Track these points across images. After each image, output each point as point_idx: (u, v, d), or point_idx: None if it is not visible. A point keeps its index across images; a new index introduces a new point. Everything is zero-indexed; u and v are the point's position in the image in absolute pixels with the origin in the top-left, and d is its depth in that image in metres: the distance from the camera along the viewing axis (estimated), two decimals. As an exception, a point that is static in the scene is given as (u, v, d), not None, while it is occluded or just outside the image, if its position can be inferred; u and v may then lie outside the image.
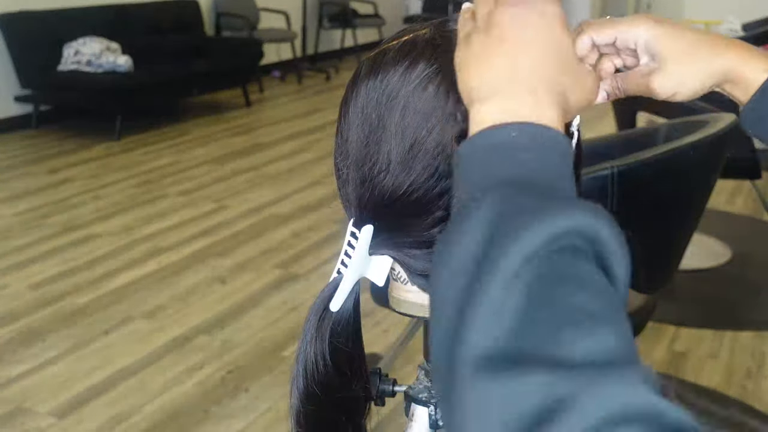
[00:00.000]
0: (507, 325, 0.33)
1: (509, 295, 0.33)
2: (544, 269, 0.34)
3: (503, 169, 0.39)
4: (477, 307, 0.33)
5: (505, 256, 0.34)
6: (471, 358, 0.33)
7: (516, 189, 0.38)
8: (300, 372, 0.60)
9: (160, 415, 2.08)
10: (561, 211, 0.35)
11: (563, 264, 0.34)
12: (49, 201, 3.78)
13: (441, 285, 0.37)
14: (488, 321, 0.33)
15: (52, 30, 4.97)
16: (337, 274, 0.59)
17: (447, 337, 0.35)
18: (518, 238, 0.34)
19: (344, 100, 0.59)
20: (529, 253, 0.34)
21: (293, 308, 2.68)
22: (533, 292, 0.33)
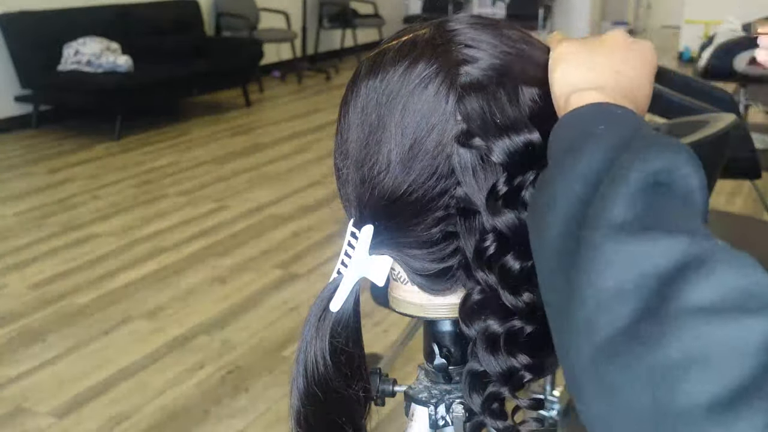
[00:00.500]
0: (641, 206, 0.36)
1: (641, 190, 0.37)
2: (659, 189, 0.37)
3: (615, 124, 0.43)
4: (616, 188, 0.37)
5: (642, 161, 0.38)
6: (609, 223, 0.36)
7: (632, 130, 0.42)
8: (300, 372, 0.60)
9: (160, 415, 2.08)
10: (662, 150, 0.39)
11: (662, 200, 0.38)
12: (49, 201, 3.78)
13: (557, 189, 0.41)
14: (626, 200, 0.36)
15: (52, 30, 4.97)
16: (337, 274, 0.59)
17: (579, 205, 0.39)
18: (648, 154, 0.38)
19: (344, 100, 0.59)
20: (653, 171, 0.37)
21: (293, 308, 2.68)
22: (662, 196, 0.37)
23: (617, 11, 10.45)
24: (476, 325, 0.54)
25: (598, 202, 0.38)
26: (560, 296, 0.38)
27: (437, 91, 0.53)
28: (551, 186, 0.42)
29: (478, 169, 0.53)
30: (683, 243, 0.34)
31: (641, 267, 0.34)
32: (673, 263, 0.33)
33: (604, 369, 0.33)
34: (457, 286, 0.59)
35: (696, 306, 0.31)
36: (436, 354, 0.65)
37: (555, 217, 0.40)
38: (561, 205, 0.40)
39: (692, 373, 0.30)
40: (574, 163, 0.41)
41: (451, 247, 0.57)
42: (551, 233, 0.40)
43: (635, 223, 0.36)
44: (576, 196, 0.40)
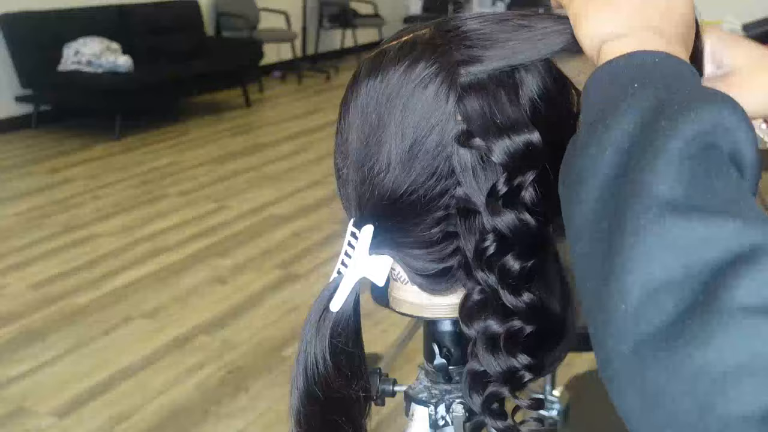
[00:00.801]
0: (686, 180, 0.33)
1: (685, 158, 0.33)
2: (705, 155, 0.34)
3: (649, 79, 0.39)
4: (655, 159, 0.34)
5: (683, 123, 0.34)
6: (651, 201, 0.33)
7: (667, 88, 0.38)
8: (300, 372, 0.60)
9: (160, 415, 2.08)
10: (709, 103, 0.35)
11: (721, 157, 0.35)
12: (50, 201, 3.78)
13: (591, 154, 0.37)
14: (668, 174, 0.33)
15: (53, 30, 4.97)
16: (337, 274, 0.59)
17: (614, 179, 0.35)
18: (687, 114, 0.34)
19: (344, 100, 0.59)
20: (693, 134, 0.34)
21: (293, 308, 2.68)
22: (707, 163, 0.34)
23: (617, 11, 10.43)
24: (476, 325, 0.54)
25: (637, 175, 0.34)
26: (598, 282, 0.34)
27: (437, 91, 0.53)
28: (582, 156, 0.39)
29: (479, 169, 0.53)
30: (736, 229, 0.31)
31: (690, 256, 0.31)
32: (724, 253, 0.30)
33: (646, 365, 0.31)
34: (457, 286, 0.59)
35: (749, 305, 0.29)
36: (436, 354, 0.65)
37: (587, 192, 0.37)
38: (594, 178, 0.37)
39: (744, 380, 0.28)
40: (607, 130, 0.37)
41: (451, 247, 0.57)
42: (584, 209, 0.37)
43: (681, 201, 0.32)
44: (610, 168, 0.36)
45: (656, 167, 0.33)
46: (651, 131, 0.35)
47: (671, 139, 0.34)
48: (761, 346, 0.28)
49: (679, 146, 0.34)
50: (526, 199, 0.51)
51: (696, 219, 0.32)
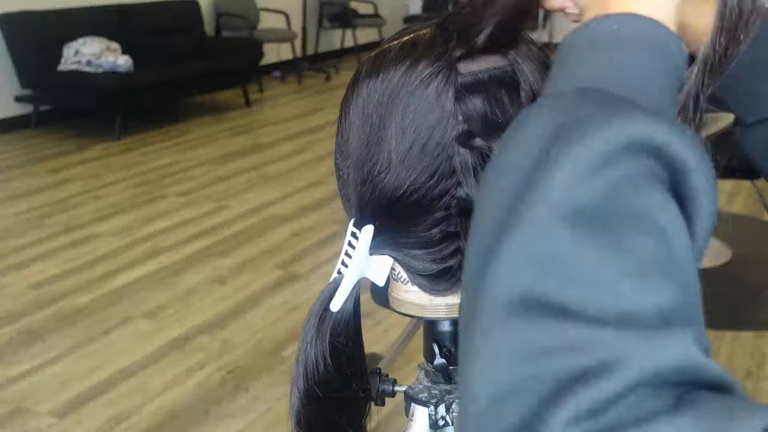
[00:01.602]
0: (554, 263, 0.28)
1: (561, 223, 0.28)
2: (606, 198, 0.28)
3: (590, 71, 0.35)
4: (512, 241, 0.29)
5: (551, 182, 0.29)
6: (504, 297, 0.29)
7: (585, 97, 0.33)
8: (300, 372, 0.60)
9: (160, 415, 2.08)
10: (627, 119, 0.29)
11: (629, 191, 0.29)
12: (49, 201, 3.78)
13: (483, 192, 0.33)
14: (524, 261, 0.29)
15: (53, 30, 4.97)
16: (338, 274, 0.59)
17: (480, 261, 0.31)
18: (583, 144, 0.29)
19: (345, 100, 0.59)
20: (585, 173, 0.28)
21: (293, 308, 2.68)
22: (593, 226, 0.28)
23: (617, 11, 10.43)
24: (476, 325, 0.54)
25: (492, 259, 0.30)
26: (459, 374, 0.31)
27: (438, 91, 0.53)
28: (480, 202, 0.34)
29: (479, 169, 0.53)
30: (587, 341, 0.27)
31: (530, 367, 0.28)
32: (570, 366, 0.27)
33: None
34: (457, 287, 0.59)
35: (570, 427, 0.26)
36: (437, 354, 0.65)
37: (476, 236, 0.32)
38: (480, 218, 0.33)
39: None
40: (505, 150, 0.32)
41: (451, 247, 0.57)
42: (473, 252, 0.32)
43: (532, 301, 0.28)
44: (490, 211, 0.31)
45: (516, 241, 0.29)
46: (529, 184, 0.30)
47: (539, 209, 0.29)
48: None
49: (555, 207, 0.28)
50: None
51: (545, 323, 0.28)
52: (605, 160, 0.28)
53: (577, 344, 0.27)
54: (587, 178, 0.28)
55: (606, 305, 0.28)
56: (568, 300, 0.28)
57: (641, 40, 0.35)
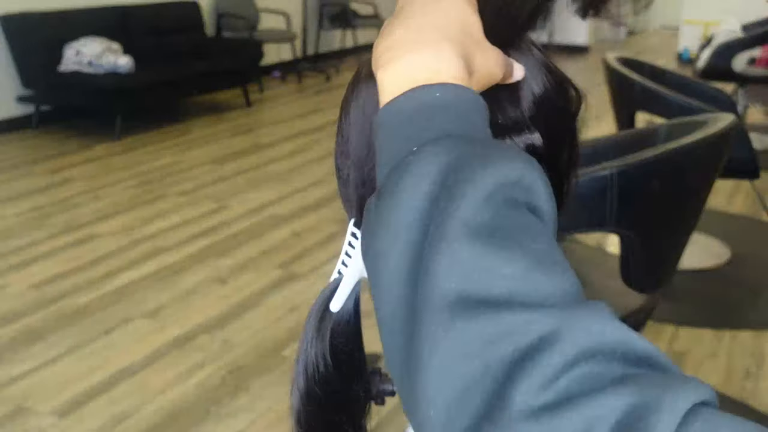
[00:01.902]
0: (477, 268, 0.32)
1: (473, 239, 0.33)
2: (500, 218, 0.34)
3: (437, 126, 0.38)
4: (438, 254, 0.33)
5: (462, 200, 0.34)
6: (443, 303, 0.32)
7: (456, 140, 0.37)
8: (300, 372, 0.60)
9: (160, 415, 2.08)
10: (507, 159, 0.35)
11: (514, 213, 0.34)
12: (50, 201, 3.78)
13: (384, 240, 0.35)
14: (455, 265, 0.32)
15: (54, 30, 4.97)
16: (338, 274, 0.59)
17: (403, 285, 0.34)
18: (474, 181, 0.34)
19: (345, 100, 0.59)
20: (482, 199, 0.34)
21: (293, 308, 2.69)
22: (496, 237, 0.33)
23: (617, 11, 10.42)
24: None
25: (423, 274, 0.33)
26: (405, 379, 0.34)
27: (437, 92, 0.53)
28: (372, 241, 0.37)
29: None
30: (525, 321, 0.30)
31: (484, 356, 0.30)
32: (514, 349, 0.30)
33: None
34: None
35: (529, 407, 0.29)
36: (436, 354, 0.65)
37: (387, 280, 0.35)
38: (388, 269, 0.35)
39: None
40: (396, 207, 0.35)
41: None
42: (386, 297, 0.35)
43: (470, 296, 0.32)
44: (403, 258, 0.34)
45: (440, 263, 0.32)
46: (434, 216, 0.34)
47: (451, 224, 0.33)
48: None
49: (461, 230, 0.33)
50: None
51: (485, 316, 0.31)
52: (493, 190, 0.34)
53: (516, 328, 0.30)
54: (484, 203, 0.34)
55: (528, 292, 0.32)
56: (497, 294, 0.31)
57: (462, 101, 0.39)
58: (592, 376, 0.29)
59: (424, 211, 0.34)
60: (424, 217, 0.34)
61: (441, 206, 0.34)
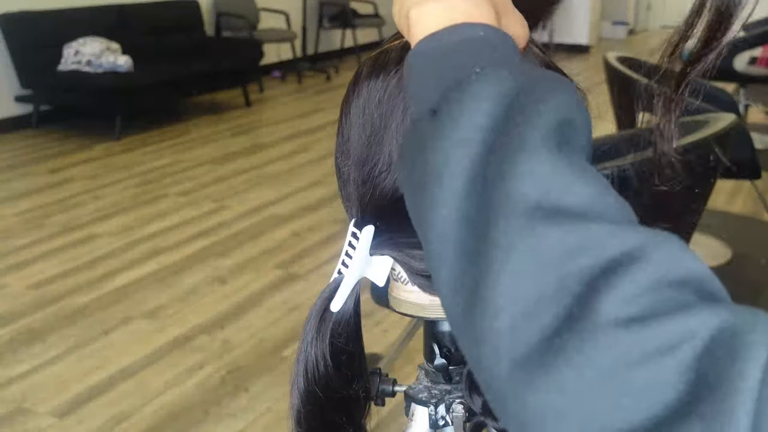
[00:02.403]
0: (557, 181, 0.31)
1: (552, 153, 0.32)
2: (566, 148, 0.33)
3: (487, 58, 0.37)
4: (517, 162, 0.32)
5: (538, 117, 0.33)
6: (520, 208, 0.31)
7: (513, 67, 0.36)
8: (300, 372, 0.60)
9: (160, 415, 2.08)
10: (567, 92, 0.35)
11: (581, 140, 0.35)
12: (50, 201, 3.78)
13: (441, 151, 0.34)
14: (535, 175, 0.31)
15: (53, 30, 4.97)
16: (338, 274, 0.59)
17: (467, 194, 0.33)
18: (547, 102, 0.34)
19: (345, 99, 0.59)
20: (555, 123, 0.33)
21: (293, 308, 2.68)
22: (572, 158, 0.32)
23: (617, 11, 10.45)
24: (477, 325, 0.54)
25: (499, 179, 0.32)
26: (467, 299, 0.32)
27: (438, 92, 0.53)
28: (427, 155, 0.35)
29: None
30: (607, 234, 0.30)
31: (562, 267, 0.29)
32: (596, 261, 0.29)
33: (523, 386, 0.29)
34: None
35: (618, 317, 0.28)
36: (437, 354, 0.65)
37: (446, 196, 0.33)
38: (447, 183, 0.33)
39: (619, 396, 0.27)
40: (455, 124, 0.34)
41: (451, 247, 0.57)
42: (439, 218, 0.34)
43: (549, 205, 0.31)
44: (469, 168, 0.33)
45: (520, 169, 0.31)
46: (509, 126, 0.33)
47: (531, 135, 0.32)
48: (634, 360, 0.27)
49: (542, 139, 0.32)
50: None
51: (567, 225, 0.30)
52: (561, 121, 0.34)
53: (597, 240, 0.30)
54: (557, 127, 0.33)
55: (607, 211, 0.31)
56: (576, 206, 0.31)
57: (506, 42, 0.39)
58: (678, 298, 0.28)
59: (497, 120, 0.33)
60: (498, 125, 0.33)
61: (517, 119, 0.33)
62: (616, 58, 2.64)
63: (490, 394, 0.32)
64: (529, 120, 0.33)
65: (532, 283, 0.30)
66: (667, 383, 0.27)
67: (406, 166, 0.37)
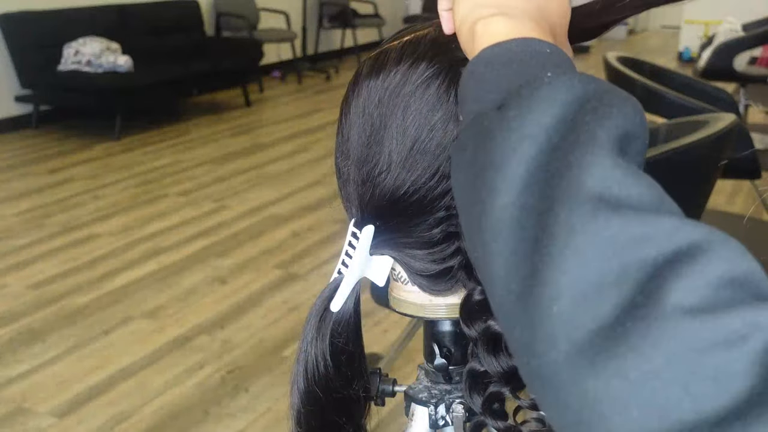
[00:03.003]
0: (622, 175, 0.32)
1: (619, 154, 0.33)
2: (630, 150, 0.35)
3: (559, 69, 0.39)
4: (585, 154, 0.33)
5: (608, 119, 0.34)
6: (585, 196, 0.31)
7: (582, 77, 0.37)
8: (300, 372, 0.60)
9: (160, 415, 2.08)
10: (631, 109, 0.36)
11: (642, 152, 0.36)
12: (50, 201, 3.78)
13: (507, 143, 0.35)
14: (602, 168, 0.32)
15: (53, 30, 4.97)
16: (338, 274, 0.59)
17: (536, 172, 0.34)
18: (618, 106, 0.35)
19: (345, 99, 0.59)
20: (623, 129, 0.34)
21: (293, 308, 2.68)
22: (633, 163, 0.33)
23: (617, 11, 10.43)
24: (477, 326, 0.55)
25: (566, 170, 0.33)
26: (523, 283, 0.32)
27: (438, 92, 0.53)
28: (490, 143, 0.36)
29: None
30: (673, 227, 0.30)
31: (626, 255, 0.30)
32: (662, 251, 0.29)
33: (583, 372, 0.29)
34: (457, 287, 0.59)
35: (688, 306, 0.28)
36: (437, 354, 0.65)
37: (507, 185, 0.34)
38: (513, 169, 0.34)
39: (692, 383, 0.27)
40: (523, 120, 0.35)
41: (452, 247, 0.57)
42: (499, 203, 0.34)
43: (614, 197, 0.31)
44: (532, 160, 0.34)
45: (587, 162, 0.32)
46: (578, 125, 0.34)
47: (600, 134, 0.33)
48: (704, 348, 0.27)
49: (609, 141, 0.33)
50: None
51: (631, 216, 0.31)
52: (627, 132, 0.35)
53: (661, 231, 0.30)
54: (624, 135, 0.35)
55: (671, 208, 0.32)
56: (639, 200, 0.31)
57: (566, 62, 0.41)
58: (741, 294, 0.29)
59: (565, 122, 0.34)
60: (565, 126, 0.34)
61: (587, 118, 0.34)
62: (616, 58, 2.64)
63: (539, 381, 0.31)
64: (599, 121, 0.34)
65: (594, 269, 0.30)
66: (738, 372, 0.27)
67: (463, 156, 0.38)
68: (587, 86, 0.36)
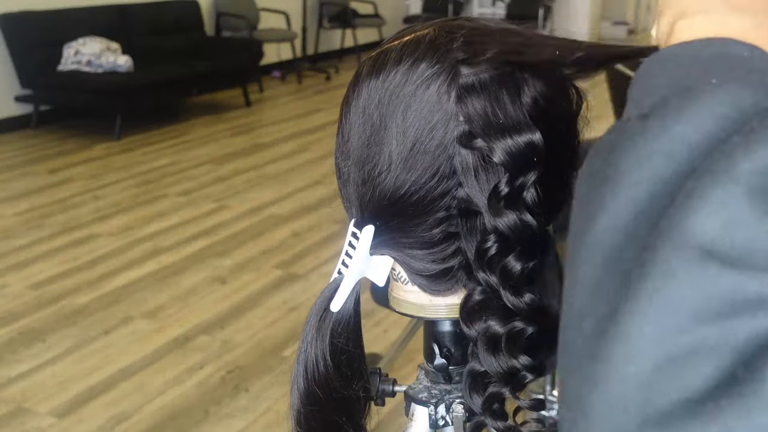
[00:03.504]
0: (745, 227, 0.25)
1: (754, 195, 0.26)
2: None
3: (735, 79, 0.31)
4: (710, 188, 0.26)
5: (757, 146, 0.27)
6: (700, 241, 0.25)
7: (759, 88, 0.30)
8: (300, 372, 0.60)
9: (160, 415, 2.08)
10: None
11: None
12: (49, 201, 3.78)
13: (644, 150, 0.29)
14: (724, 213, 0.26)
15: (53, 30, 4.97)
16: (338, 274, 0.59)
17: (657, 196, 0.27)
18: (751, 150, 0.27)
19: (345, 100, 0.59)
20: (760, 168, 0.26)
21: (293, 308, 2.68)
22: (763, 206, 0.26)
23: (617, 11, 10.45)
24: (477, 326, 0.55)
25: (684, 202, 0.27)
26: (595, 324, 0.27)
27: (439, 92, 0.53)
28: (614, 155, 0.30)
29: (480, 169, 0.53)
30: None
31: (733, 318, 0.24)
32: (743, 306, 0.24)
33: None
34: (457, 287, 0.59)
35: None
36: (436, 354, 0.65)
37: (619, 201, 0.29)
38: (631, 188, 0.29)
39: None
40: (661, 129, 0.29)
41: (452, 247, 0.57)
42: (601, 224, 0.29)
43: (731, 249, 0.25)
44: (657, 180, 0.28)
45: (713, 197, 0.26)
46: (718, 149, 0.27)
47: (744, 165, 0.26)
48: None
49: (752, 175, 0.26)
50: (527, 200, 0.51)
51: (748, 274, 0.25)
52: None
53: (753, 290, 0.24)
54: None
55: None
56: (757, 260, 0.25)
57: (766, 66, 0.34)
58: None
59: (712, 141, 0.28)
60: (710, 147, 0.28)
61: (735, 140, 0.27)
62: (616, 58, 2.64)
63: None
64: (748, 145, 0.27)
65: (688, 326, 0.25)
66: None
67: (591, 166, 0.33)
68: (759, 103, 0.29)
